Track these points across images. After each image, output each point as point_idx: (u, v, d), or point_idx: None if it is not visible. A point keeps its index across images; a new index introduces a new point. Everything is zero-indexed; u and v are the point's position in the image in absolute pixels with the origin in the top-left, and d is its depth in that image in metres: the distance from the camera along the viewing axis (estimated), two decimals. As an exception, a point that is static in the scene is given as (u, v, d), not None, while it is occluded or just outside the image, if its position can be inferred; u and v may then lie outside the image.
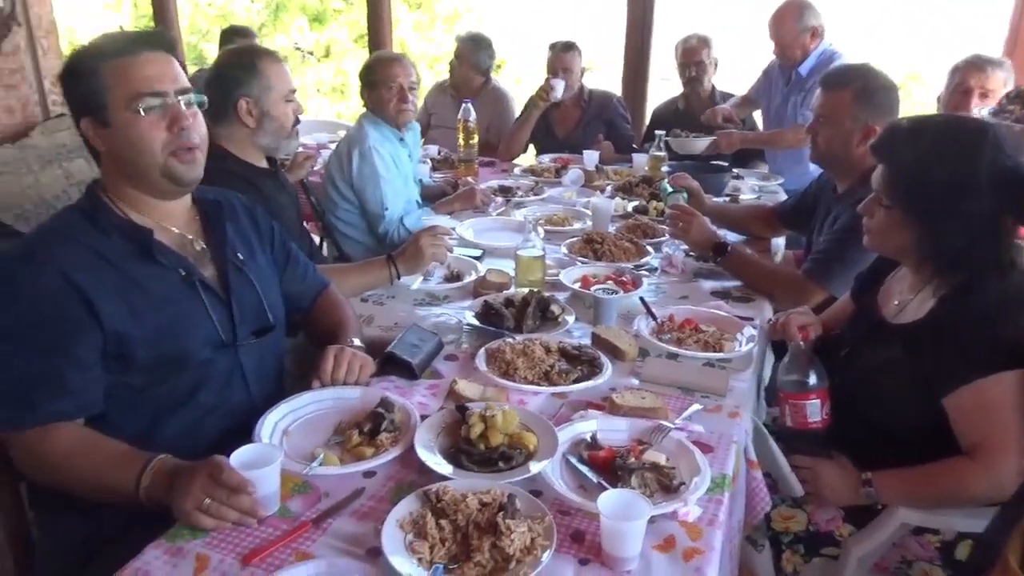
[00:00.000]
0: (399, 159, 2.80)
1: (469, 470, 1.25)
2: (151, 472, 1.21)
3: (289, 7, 9.37)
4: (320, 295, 1.81)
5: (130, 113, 1.34)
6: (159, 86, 1.35)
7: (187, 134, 1.38)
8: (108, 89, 1.33)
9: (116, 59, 1.34)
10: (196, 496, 1.12)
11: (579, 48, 3.81)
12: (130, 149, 1.36)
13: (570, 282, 2.05)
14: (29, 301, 1.29)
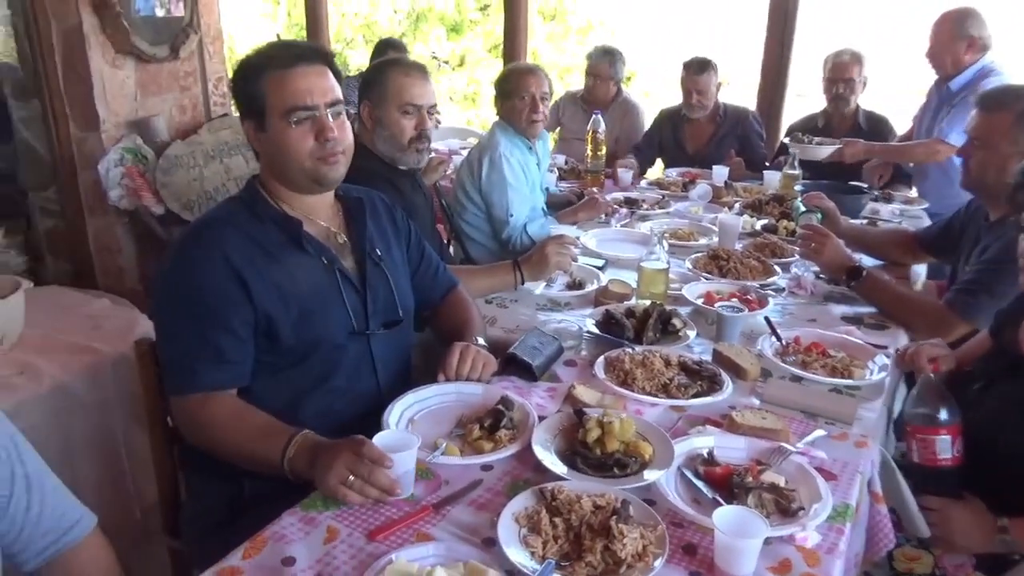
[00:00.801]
0: (528, 167, 2.87)
1: (584, 473, 1.27)
2: (295, 445, 1.31)
3: (428, 18, 9.73)
4: (449, 294, 1.88)
5: (283, 123, 1.45)
6: (310, 100, 1.46)
7: (332, 144, 1.48)
8: (266, 98, 1.46)
9: (276, 71, 1.46)
10: (340, 472, 1.20)
11: (715, 66, 3.74)
12: (281, 153, 1.48)
13: (693, 297, 2.04)
14: (196, 279, 1.43)
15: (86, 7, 2.53)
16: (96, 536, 1.22)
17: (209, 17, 3.00)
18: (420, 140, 2.14)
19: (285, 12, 9.50)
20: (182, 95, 2.96)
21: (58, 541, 1.16)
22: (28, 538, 1.13)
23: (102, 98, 2.64)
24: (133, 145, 2.73)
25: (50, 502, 1.15)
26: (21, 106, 2.78)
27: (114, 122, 2.70)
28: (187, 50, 2.87)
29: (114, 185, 2.68)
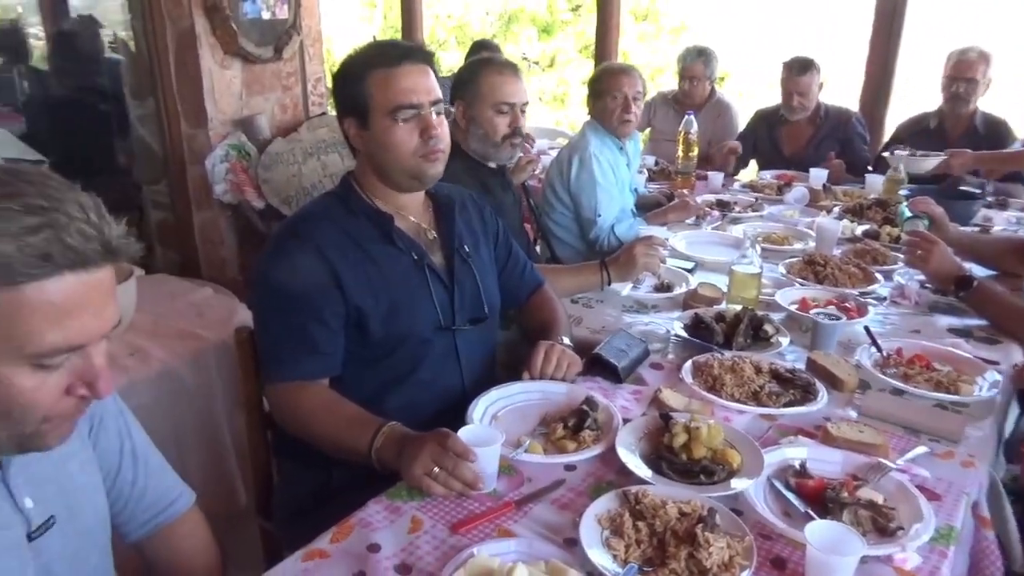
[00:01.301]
0: (617, 168, 2.84)
1: (669, 478, 1.25)
2: (383, 436, 1.34)
3: (520, 19, 9.80)
4: (535, 292, 1.88)
5: (388, 120, 1.48)
6: (415, 98, 1.48)
7: (435, 141, 1.50)
8: (371, 96, 1.48)
9: (381, 69, 1.48)
10: (426, 463, 1.22)
11: (817, 66, 3.59)
12: (385, 151, 1.51)
13: (787, 303, 1.97)
14: (293, 272, 1.48)
15: (199, 10, 2.67)
16: (194, 513, 1.29)
17: (310, 19, 3.11)
18: (514, 136, 2.16)
19: (381, 15, 9.76)
20: (284, 94, 3.08)
21: (159, 515, 1.23)
22: (132, 510, 1.20)
23: (211, 97, 2.78)
24: (238, 142, 2.86)
25: (154, 477, 1.21)
26: (138, 104, 2.96)
27: (221, 120, 2.84)
28: (290, 51, 2.98)
29: (219, 180, 2.81)
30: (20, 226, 0.76)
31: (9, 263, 0.75)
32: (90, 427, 1.11)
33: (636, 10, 9.37)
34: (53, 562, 1.01)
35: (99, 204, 0.83)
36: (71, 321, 0.81)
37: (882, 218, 2.78)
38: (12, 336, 0.78)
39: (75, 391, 0.86)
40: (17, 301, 0.77)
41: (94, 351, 0.86)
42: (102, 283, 0.84)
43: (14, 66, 3.62)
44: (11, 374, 0.80)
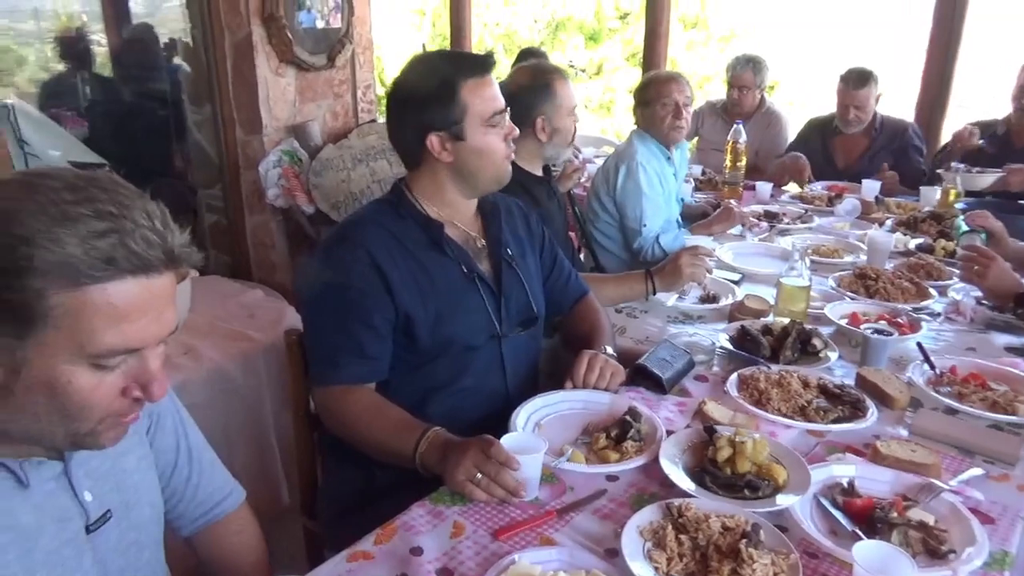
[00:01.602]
0: (664, 177, 2.82)
1: (713, 492, 1.24)
2: (427, 441, 1.35)
3: (567, 27, 9.81)
4: (579, 301, 1.89)
5: (485, 128, 1.52)
6: (501, 104, 1.54)
7: (512, 144, 1.57)
8: (468, 107, 1.50)
9: (471, 80, 1.51)
10: (469, 469, 1.23)
11: (876, 78, 3.50)
12: (480, 158, 1.54)
13: (836, 317, 1.93)
14: (342, 276, 1.51)
15: (256, 19, 2.74)
16: (244, 510, 1.32)
17: (362, 28, 3.17)
18: (574, 136, 2.29)
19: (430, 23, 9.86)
20: (335, 102, 3.14)
21: (210, 512, 1.26)
22: (186, 506, 1.24)
23: (266, 104, 2.85)
24: (290, 148, 2.92)
25: (207, 475, 1.25)
26: (195, 110, 3.05)
27: (275, 126, 2.91)
28: (342, 59, 3.05)
29: (272, 185, 2.88)
30: (89, 230, 0.79)
31: (75, 265, 0.78)
32: (148, 425, 1.14)
33: (685, 18, 9.30)
34: (108, 554, 1.04)
35: (165, 213, 0.86)
36: (130, 324, 0.83)
37: (937, 232, 2.71)
38: (74, 335, 0.81)
39: (130, 393, 0.89)
40: (80, 302, 0.80)
41: (151, 355, 0.89)
42: (162, 289, 0.86)
43: (78, 72, 3.76)
44: (71, 372, 0.83)
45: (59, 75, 3.79)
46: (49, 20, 3.94)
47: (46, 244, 0.77)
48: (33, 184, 0.81)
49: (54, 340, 0.81)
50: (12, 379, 0.82)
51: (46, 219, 0.78)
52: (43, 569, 0.94)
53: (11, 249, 0.77)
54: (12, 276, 0.77)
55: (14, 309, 0.79)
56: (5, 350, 0.81)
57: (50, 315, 0.79)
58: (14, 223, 0.77)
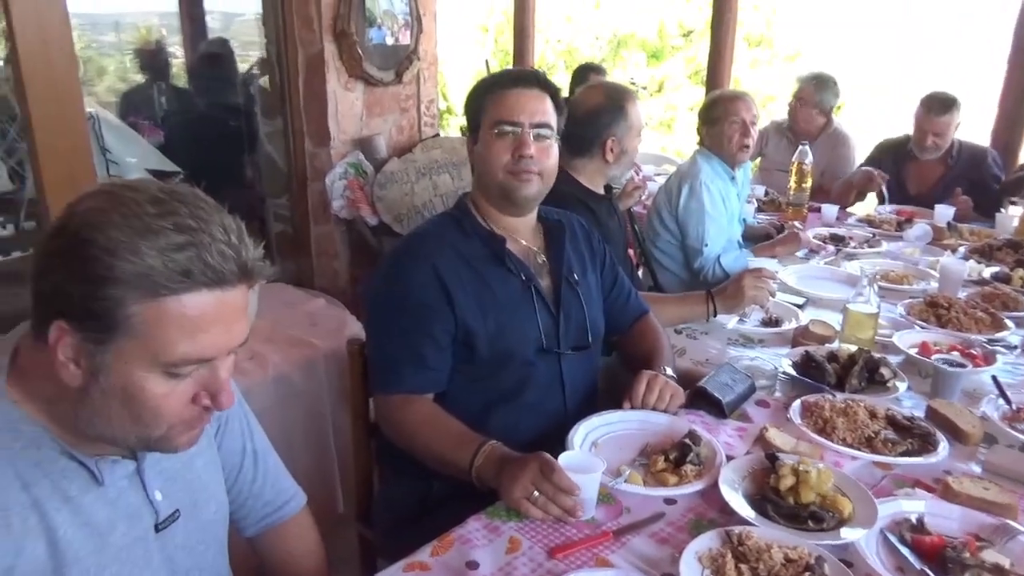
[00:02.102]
0: (728, 197, 2.79)
1: (775, 521, 1.21)
2: (483, 454, 1.36)
3: (629, 44, 9.80)
4: (638, 320, 1.87)
5: (489, 134, 1.56)
6: (516, 116, 1.55)
7: (525, 162, 1.55)
8: (484, 112, 1.57)
9: (497, 90, 1.58)
10: (526, 487, 1.24)
11: (959, 104, 3.36)
12: (482, 163, 1.59)
13: (906, 346, 1.88)
14: (406, 288, 1.53)
15: (329, 36, 2.82)
16: (305, 514, 1.35)
17: (428, 44, 3.23)
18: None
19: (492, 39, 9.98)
20: (401, 116, 3.21)
21: (273, 514, 1.29)
22: (250, 508, 1.27)
23: (334, 117, 2.93)
24: (356, 161, 2.99)
25: (271, 477, 1.28)
26: (267, 122, 3.15)
27: (342, 139, 2.99)
28: (409, 75, 3.11)
29: (337, 196, 2.95)
30: (168, 243, 0.82)
31: (154, 276, 0.81)
32: (217, 427, 1.18)
33: (750, 36, 9.19)
34: (176, 552, 1.08)
35: (241, 227, 0.89)
36: (203, 335, 0.86)
37: (1014, 260, 2.61)
38: (150, 344, 0.84)
39: (199, 401, 0.92)
40: (158, 311, 0.83)
41: (221, 364, 0.92)
42: (235, 301, 0.89)
43: (155, 83, 3.93)
44: (145, 379, 0.86)
45: (137, 86, 3.97)
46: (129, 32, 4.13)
47: (127, 256, 0.81)
48: (119, 196, 0.84)
49: (131, 347, 0.84)
50: (91, 383, 0.86)
51: (129, 231, 0.81)
52: (114, 564, 0.98)
53: (95, 260, 0.81)
54: (95, 285, 0.81)
55: (96, 316, 0.82)
56: (86, 355, 0.85)
57: (128, 323, 0.83)
58: (99, 234, 0.81)
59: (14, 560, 0.88)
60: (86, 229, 0.81)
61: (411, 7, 3.02)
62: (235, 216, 0.90)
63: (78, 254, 0.81)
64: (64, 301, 0.83)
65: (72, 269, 0.82)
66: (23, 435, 0.90)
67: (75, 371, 0.86)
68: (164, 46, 4.08)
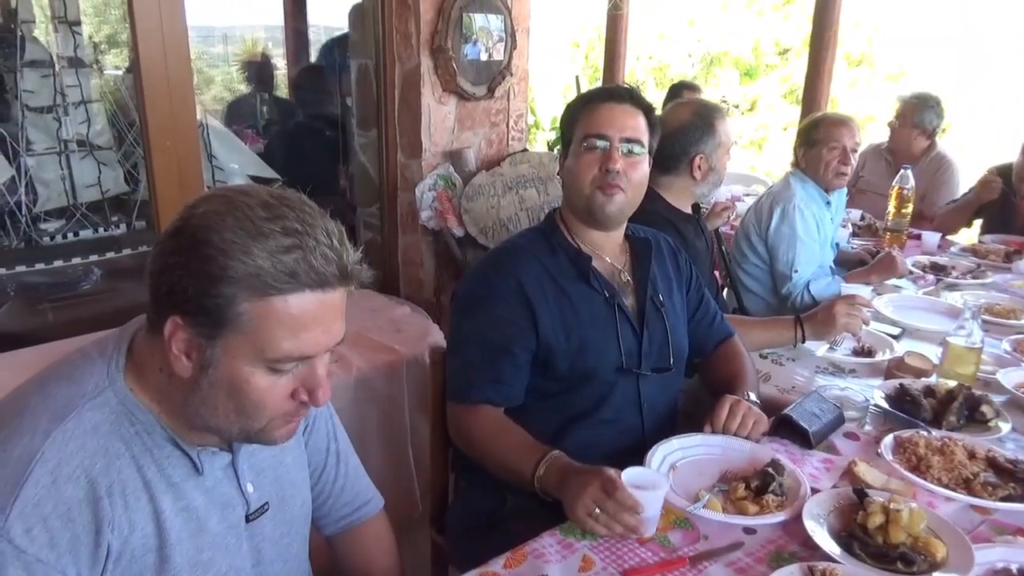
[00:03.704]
0: (822, 222, 2.71)
1: (861, 560, 1.16)
2: (545, 464, 1.37)
3: (722, 62, 9.65)
4: (723, 343, 1.84)
5: (579, 148, 1.57)
6: (605, 131, 1.55)
7: (612, 176, 1.54)
8: (576, 128, 1.59)
9: (590, 105, 1.59)
10: (587, 504, 1.23)
11: None
12: (571, 177, 1.60)
13: (1011, 385, 1.77)
14: (491, 302, 1.56)
15: (425, 51, 2.90)
16: (382, 517, 1.38)
17: (519, 60, 3.27)
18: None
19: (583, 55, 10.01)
20: (491, 130, 3.25)
21: (352, 515, 1.33)
22: (331, 507, 1.31)
23: (427, 130, 3.00)
24: (446, 173, 3.05)
25: (352, 478, 1.32)
26: (362, 134, 3.25)
27: (433, 152, 3.05)
28: (501, 90, 3.15)
29: (426, 207, 3.02)
30: (277, 245, 0.87)
31: (263, 276, 0.86)
32: (305, 426, 1.23)
33: (850, 55, 8.90)
34: (263, 543, 1.12)
35: (342, 232, 0.94)
36: (305, 333, 0.91)
37: None
38: (256, 340, 0.89)
39: (298, 396, 0.96)
40: (265, 311, 0.88)
41: (319, 362, 0.96)
42: (335, 302, 0.93)
43: (258, 93, 4.13)
44: (250, 373, 0.91)
45: (242, 96, 4.19)
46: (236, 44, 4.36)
47: (240, 256, 0.86)
48: (233, 200, 0.89)
49: (239, 343, 0.89)
50: (201, 375, 0.92)
51: (242, 233, 0.86)
52: (210, 549, 1.03)
53: (210, 259, 0.86)
54: (209, 282, 0.86)
55: (208, 312, 0.87)
56: (197, 348, 0.90)
57: (238, 320, 0.88)
58: (214, 235, 0.86)
59: (129, 534, 0.94)
60: (203, 231, 0.87)
61: (506, 24, 3.07)
62: (336, 220, 0.94)
63: (195, 253, 0.87)
64: (180, 297, 0.88)
65: (189, 267, 0.87)
66: (138, 421, 0.96)
67: (187, 364, 0.91)
68: (269, 58, 4.29)
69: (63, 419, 0.92)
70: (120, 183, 3.08)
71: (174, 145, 2.40)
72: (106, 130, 3.04)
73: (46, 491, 0.88)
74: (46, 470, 0.88)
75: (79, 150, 2.94)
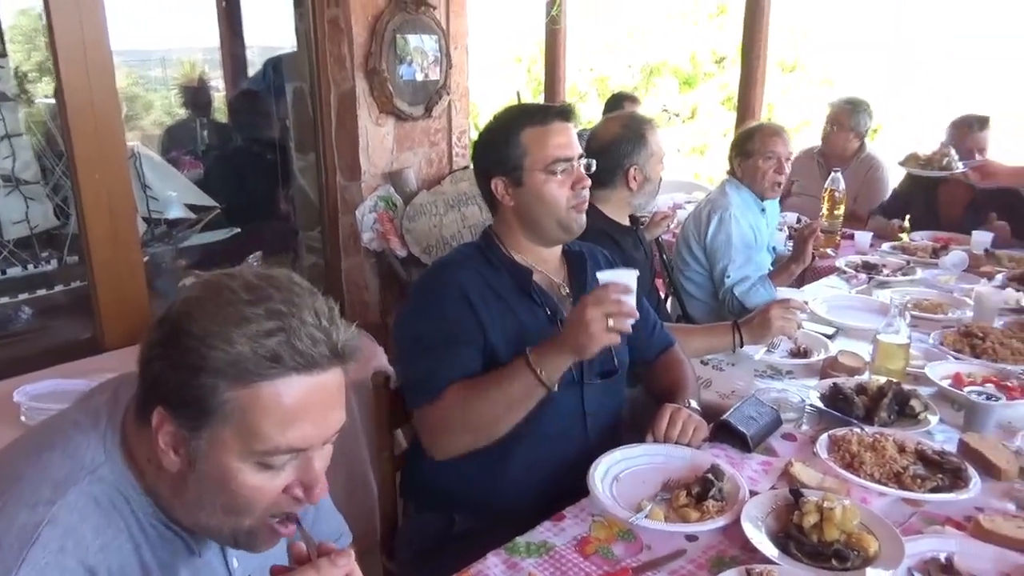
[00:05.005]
0: (758, 229, 2.78)
1: (797, 560, 1.19)
2: (533, 358, 1.41)
3: (662, 72, 9.84)
4: (664, 352, 1.87)
5: (544, 175, 1.56)
6: (567, 152, 1.57)
7: (583, 192, 1.58)
8: (526, 154, 1.57)
9: (534, 128, 1.58)
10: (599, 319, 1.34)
11: (991, 125, 3.39)
12: (540, 204, 1.58)
13: (938, 378, 1.84)
14: (437, 309, 1.54)
15: (360, 74, 2.90)
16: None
17: (459, 77, 3.29)
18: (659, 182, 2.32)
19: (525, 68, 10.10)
20: (431, 149, 3.26)
21: None
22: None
23: (365, 152, 2.99)
24: (387, 194, 3.05)
25: (324, 515, 1.28)
26: (301, 157, 3.23)
27: (373, 173, 3.05)
28: (439, 109, 3.17)
29: (367, 229, 3.00)
30: (259, 329, 0.83)
31: (244, 363, 0.83)
32: None
33: (783, 62, 9.16)
34: None
35: (333, 309, 0.90)
36: (298, 423, 0.86)
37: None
38: (244, 432, 0.85)
39: (292, 491, 0.91)
40: (250, 399, 0.84)
41: (315, 455, 0.91)
42: (328, 385, 0.88)
43: (197, 118, 4.06)
44: (239, 470, 0.87)
45: (180, 121, 4.11)
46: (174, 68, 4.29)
47: (220, 344, 0.82)
48: (215, 284, 0.87)
49: (226, 435, 0.86)
50: (189, 471, 0.88)
51: (222, 319, 0.83)
52: None
53: (190, 350, 0.83)
54: (190, 373, 0.83)
55: (191, 403, 0.84)
56: (184, 442, 0.87)
57: (223, 410, 0.84)
58: (193, 324, 0.83)
59: None
60: (183, 319, 0.84)
61: (441, 43, 3.09)
62: (328, 298, 0.91)
63: (175, 343, 0.84)
64: (164, 388, 0.85)
65: (170, 358, 0.84)
66: (132, 500, 0.92)
67: (175, 458, 0.88)
68: (206, 82, 4.22)
69: (65, 491, 0.88)
70: (49, 217, 2.99)
71: (103, 177, 2.34)
72: (33, 163, 2.95)
73: (54, 557, 0.84)
74: (54, 535, 0.85)
75: (4, 185, 2.85)
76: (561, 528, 1.33)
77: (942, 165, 3.03)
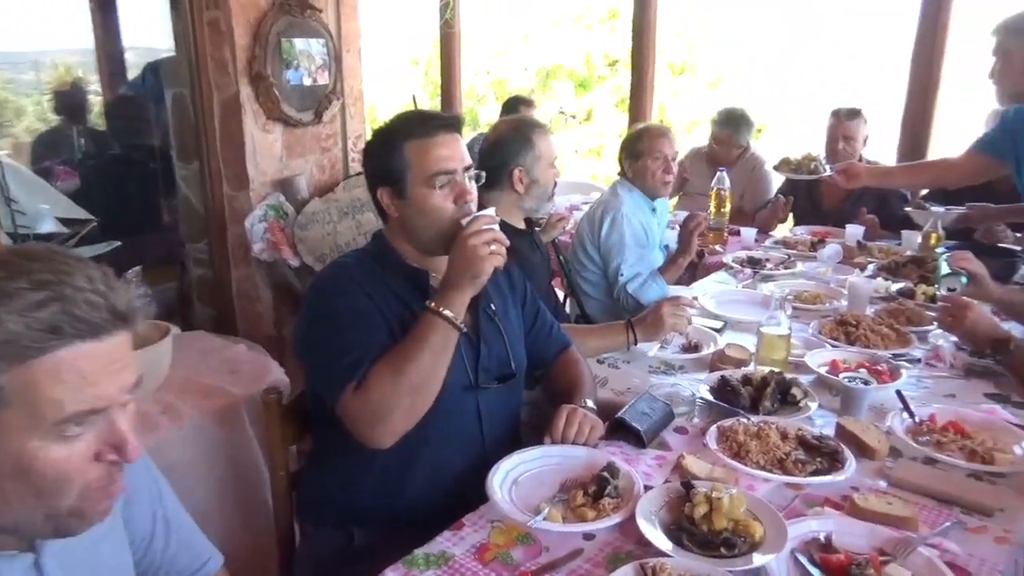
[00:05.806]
0: (650, 228, 2.86)
1: (689, 550, 1.23)
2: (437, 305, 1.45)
3: (557, 74, 10.00)
4: (561, 353, 1.88)
5: (426, 188, 1.53)
6: (450, 165, 1.54)
7: (468, 206, 1.55)
8: (409, 166, 1.54)
9: (417, 140, 1.54)
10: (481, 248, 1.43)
11: (864, 116, 3.59)
12: (422, 216, 1.55)
13: (816, 365, 1.94)
14: (337, 303, 1.51)
15: (244, 79, 2.80)
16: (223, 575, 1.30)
17: (352, 80, 3.23)
18: (554, 187, 2.33)
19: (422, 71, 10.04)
20: (323, 156, 3.19)
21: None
22: (165, 575, 1.22)
23: (252, 160, 2.89)
24: (277, 202, 2.96)
25: (185, 542, 1.23)
26: (184, 166, 3.09)
27: (261, 181, 2.95)
28: (330, 114, 3.10)
29: (257, 239, 2.91)
30: (27, 302, 0.78)
31: (19, 341, 0.78)
32: (123, 501, 1.13)
33: (673, 64, 9.48)
34: None
35: (107, 273, 0.86)
36: (88, 388, 0.83)
37: (918, 276, 2.72)
38: (34, 410, 0.80)
39: (104, 457, 0.87)
40: (32, 375, 0.79)
41: (117, 415, 0.87)
42: (115, 349, 0.85)
43: (73, 125, 3.82)
44: (37, 448, 0.82)
45: (54, 127, 3.85)
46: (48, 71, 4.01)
47: None
48: None
49: (12, 418, 0.80)
50: None
51: None
52: None
53: None
54: None
55: None
56: None
57: (2, 394, 0.79)
58: None
59: None
60: None
61: (329, 47, 3.02)
62: (101, 264, 0.87)
63: None
64: None
65: None
66: None
67: None
68: (81, 86, 3.97)
69: None
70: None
71: (-41, 192, 2.16)
72: None
73: None
74: None
75: None
76: (461, 537, 1.32)
77: (811, 169, 3.22)
